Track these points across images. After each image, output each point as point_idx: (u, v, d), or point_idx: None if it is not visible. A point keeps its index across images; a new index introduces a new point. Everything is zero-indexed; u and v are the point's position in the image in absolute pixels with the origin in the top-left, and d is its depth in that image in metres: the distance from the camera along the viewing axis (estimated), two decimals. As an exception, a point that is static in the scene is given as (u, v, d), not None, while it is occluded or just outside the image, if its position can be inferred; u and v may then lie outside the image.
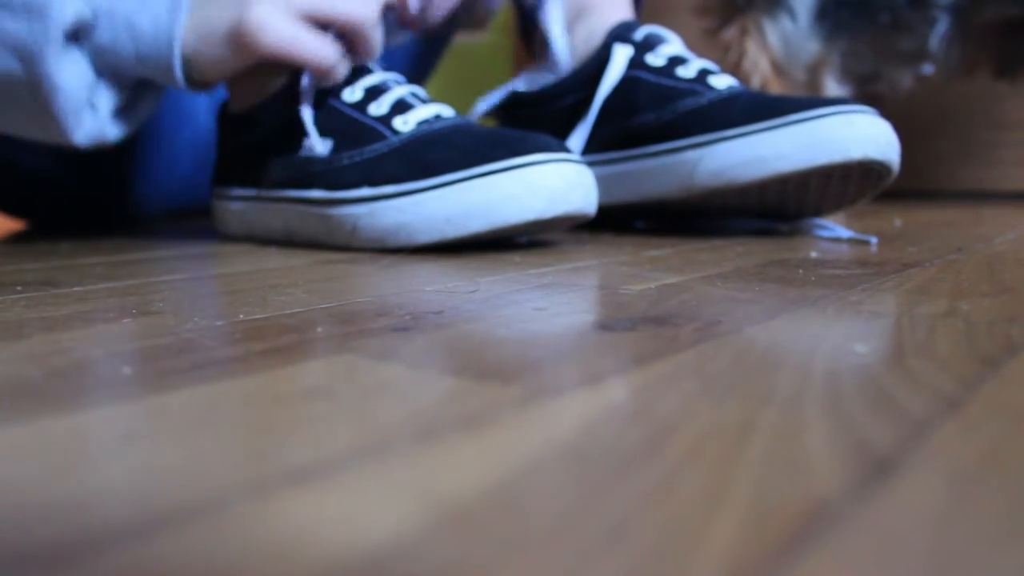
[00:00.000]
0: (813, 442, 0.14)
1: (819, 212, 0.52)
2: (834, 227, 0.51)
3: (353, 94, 0.48)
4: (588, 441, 0.14)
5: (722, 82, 0.51)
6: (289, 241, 0.50)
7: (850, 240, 0.48)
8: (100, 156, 0.59)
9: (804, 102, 0.47)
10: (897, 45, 0.80)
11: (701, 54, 0.57)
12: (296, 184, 0.49)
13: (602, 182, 0.54)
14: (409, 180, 0.44)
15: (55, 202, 0.69)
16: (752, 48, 0.84)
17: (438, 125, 0.46)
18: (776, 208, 0.51)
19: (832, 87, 0.84)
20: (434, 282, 0.33)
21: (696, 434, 0.15)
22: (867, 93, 0.86)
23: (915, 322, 0.24)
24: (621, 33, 0.56)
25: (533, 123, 0.58)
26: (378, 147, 0.47)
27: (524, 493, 0.12)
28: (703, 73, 0.52)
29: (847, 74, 0.83)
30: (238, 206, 0.53)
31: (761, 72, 0.85)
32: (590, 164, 0.55)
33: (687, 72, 0.52)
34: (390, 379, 0.19)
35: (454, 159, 0.44)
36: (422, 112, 0.47)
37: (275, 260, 0.42)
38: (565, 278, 0.34)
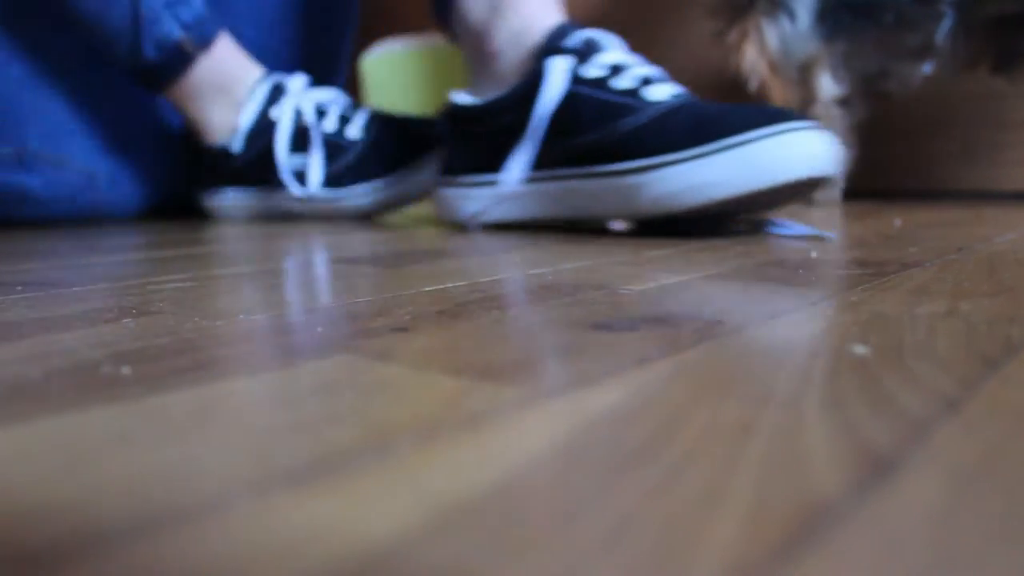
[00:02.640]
0: (813, 442, 0.14)
1: (758, 212, 0.55)
2: (792, 225, 0.53)
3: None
4: (588, 441, 0.14)
5: (662, 92, 0.53)
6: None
7: (808, 237, 0.49)
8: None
9: (740, 121, 0.49)
10: (904, 42, 0.80)
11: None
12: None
13: (551, 197, 0.56)
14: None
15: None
16: (751, 50, 0.85)
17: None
18: (720, 216, 0.54)
19: (827, 85, 0.84)
20: (434, 282, 0.33)
21: (696, 434, 0.15)
22: (876, 90, 0.87)
23: (915, 322, 0.24)
24: (555, 44, 0.56)
25: (477, 137, 0.60)
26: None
27: (524, 493, 0.12)
28: (642, 83, 0.53)
29: (851, 72, 0.83)
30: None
31: (759, 73, 0.85)
32: (538, 180, 0.57)
33: (626, 83, 0.54)
34: (390, 379, 0.19)
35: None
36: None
37: (275, 260, 0.42)
38: (565, 278, 0.34)
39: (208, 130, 0.72)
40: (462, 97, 0.61)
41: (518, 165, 0.56)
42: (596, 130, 0.53)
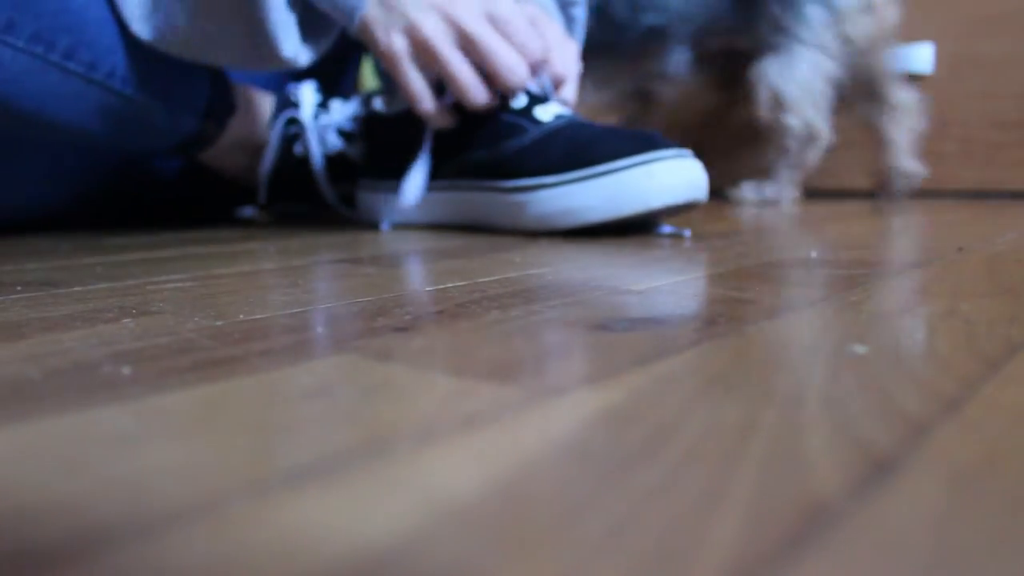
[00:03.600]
0: (813, 442, 0.14)
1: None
2: (664, 225, 0.56)
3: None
4: (588, 441, 0.14)
5: (548, 113, 0.56)
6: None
7: (669, 235, 0.52)
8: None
9: (611, 149, 0.51)
10: (647, 69, 1.06)
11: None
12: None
13: (448, 204, 0.60)
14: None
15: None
16: None
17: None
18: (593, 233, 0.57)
19: (589, 93, 1.05)
20: (434, 282, 0.33)
21: (696, 434, 0.15)
22: (641, 95, 1.13)
23: (915, 322, 0.24)
24: None
25: (387, 145, 0.63)
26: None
27: (524, 493, 0.12)
28: (532, 102, 0.57)
29: (612, 88, 1.09)
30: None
31: None
32: (440, 189, 0.61)
33: (517, 102, 0.57)
34: (390, 379, 0.19)
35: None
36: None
37: (275, 260, 0.42)
38: (565, 278, 0.34)
39: (235, 177, 0.71)
40: (378, 103, 0.65)
41: (416, 178, 0.59)
42: (487, 147, 0.57)
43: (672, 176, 0.50)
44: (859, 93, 1.00)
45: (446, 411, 0.16)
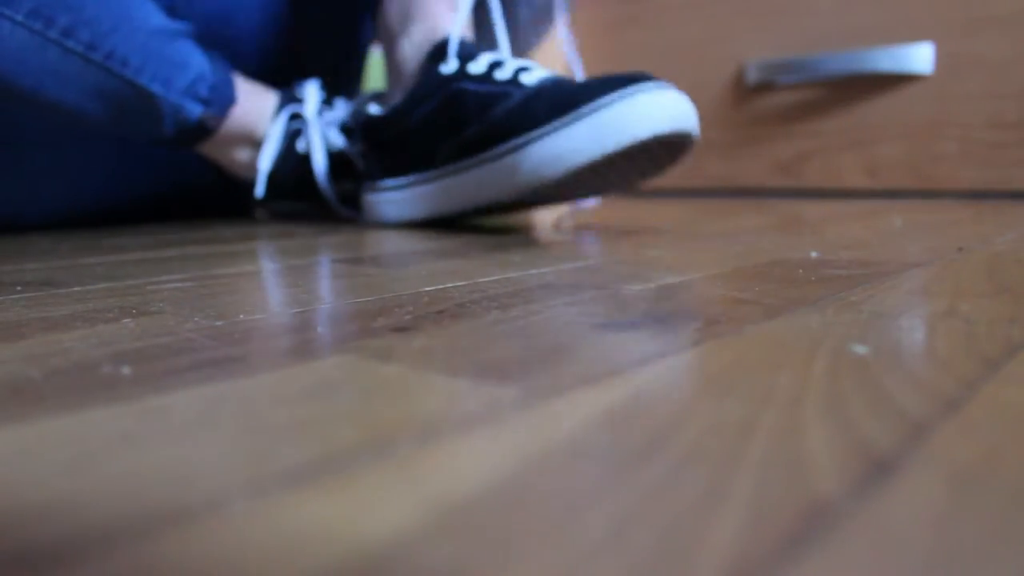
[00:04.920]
0: (813, 442, 0.14)
1: (644, 180, 0.57)
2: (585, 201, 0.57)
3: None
4: (588, 441, 0.14)
5: (534, 77, 0.55)
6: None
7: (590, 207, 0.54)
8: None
9: (594, 90, 0.51)
10: None
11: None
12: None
13: (445, 193, 0.59)
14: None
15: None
16: None
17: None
18: (603, 187, 0.57)
19: None
20: (434, 282, 0.33)
21: (696, 434, 0.15)
22: None
23: (915, 322, 0.24)
24: (439, 50, 0.60)
25: (385, 144, 0.63)
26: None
27: (524, 493, 0.12)
28: (518, 72, 0.56)
29: None
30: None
31: None
32: (434, 180, 0.60)
33: (504, 74, 0.56)
34: (390, 379, 0.19)
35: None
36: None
37: (275, 260, 0.42)
38: (565, 278, 0.34)
39: (237, 171, 0.71)
40: (372, 107, 0.65)
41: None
42: (478, 120, 0.56)
43: (655, 107, 0.49)
44: None
45: (446, 411, 0.16)
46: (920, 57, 1.00)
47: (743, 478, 0.13)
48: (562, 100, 0.52)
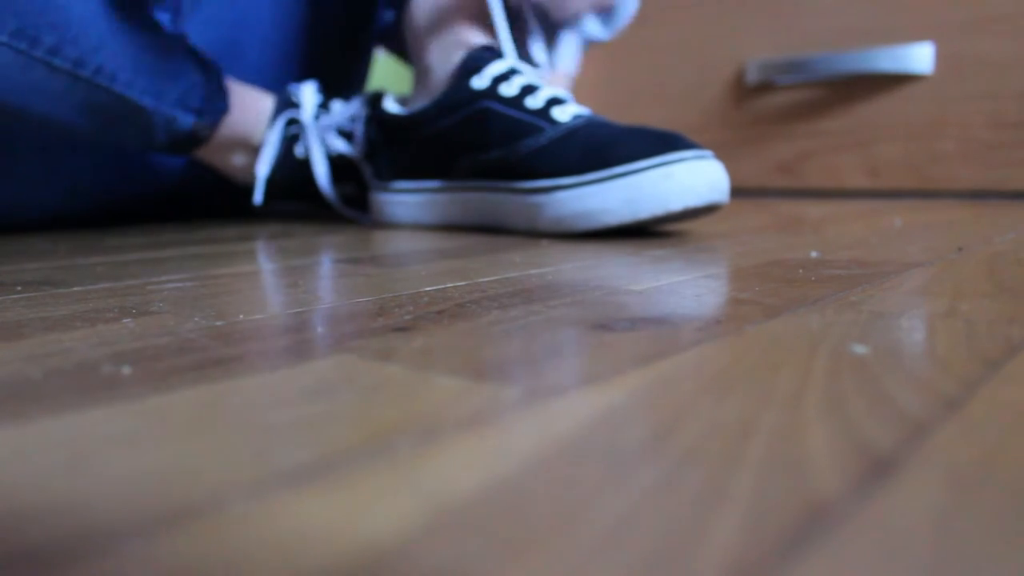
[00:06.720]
0: (813, 442, 0.14)
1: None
2: None
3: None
4: (588, 441, 0.14)
5: (566, 113, 0.55)
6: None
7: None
8: None
9: (630, 149, 0.51)
10: None
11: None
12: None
13: (461, 206, 0.60)
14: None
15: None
16: None
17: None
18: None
19: None
20: (434, 282, 0.33)
21: (696, 434, 0.15)
22: None
23: (915, 322, 0.24)
24: (473, 65, 0.59)
25: (403, 145, 0.63)
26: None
27: (524, 493, 0.12)
28: (550, 103, 0.56)
29: None
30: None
31: None
32: (450, 190, 0.61)
33: (535, 102, 0.56)
34: (390, 379, 0.19)
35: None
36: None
37: (275, 260, 0.42)
38: (565, 278, 0.34)
39: (234, 176, 0.70)
40: (391, 105, 0.65)
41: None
42: (503, 147, 0.56)
43: (692, 177, 0.49)
44: None
45: (446, 411, 0.16)
46: (920, 57, 1.00)
47: (743, 478, 0.13)
48: (596, 152, 0.51)
